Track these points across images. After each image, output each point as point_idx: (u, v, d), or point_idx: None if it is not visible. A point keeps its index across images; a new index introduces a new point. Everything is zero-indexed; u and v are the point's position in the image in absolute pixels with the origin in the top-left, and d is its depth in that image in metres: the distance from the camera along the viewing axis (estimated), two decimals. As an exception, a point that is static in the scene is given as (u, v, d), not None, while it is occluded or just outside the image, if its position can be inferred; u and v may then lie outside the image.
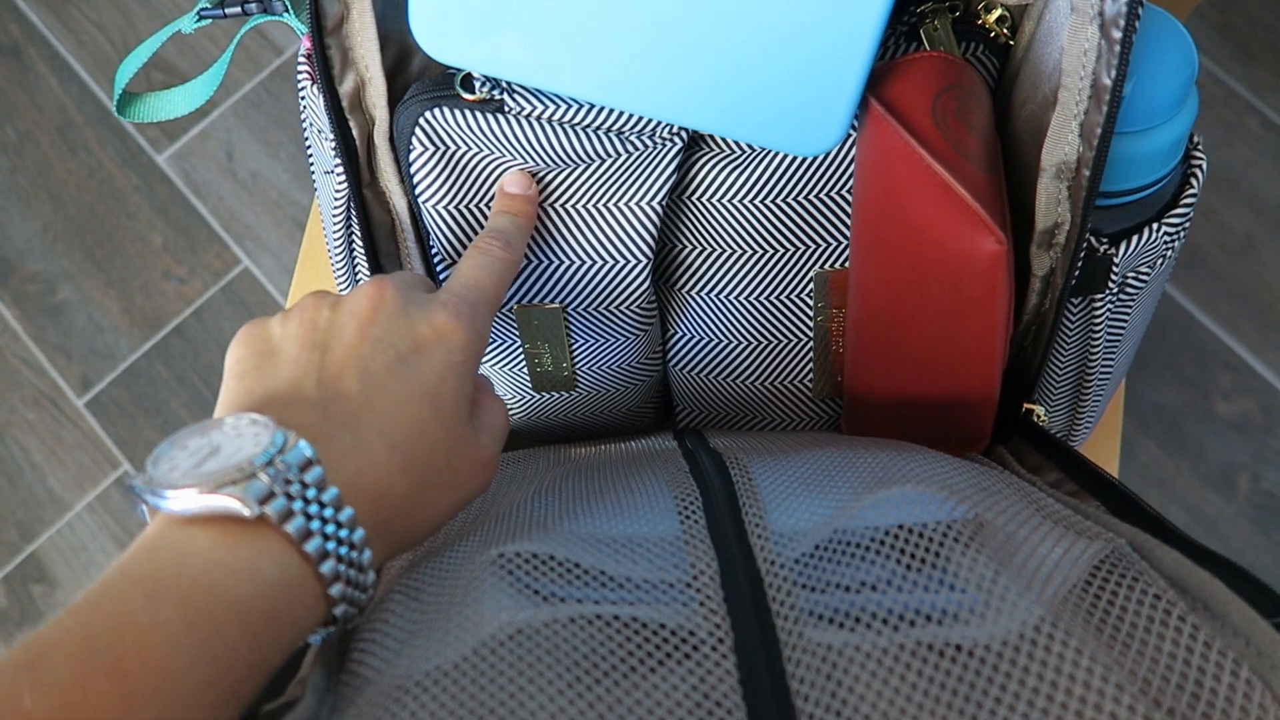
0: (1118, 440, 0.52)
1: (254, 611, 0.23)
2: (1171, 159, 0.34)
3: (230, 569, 0.23)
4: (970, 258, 0.32)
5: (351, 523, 0.26)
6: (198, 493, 0.24)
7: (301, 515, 0.25)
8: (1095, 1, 0.27)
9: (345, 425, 0.27)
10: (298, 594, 0.25)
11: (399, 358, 0.29)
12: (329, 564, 0.25)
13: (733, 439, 0.39)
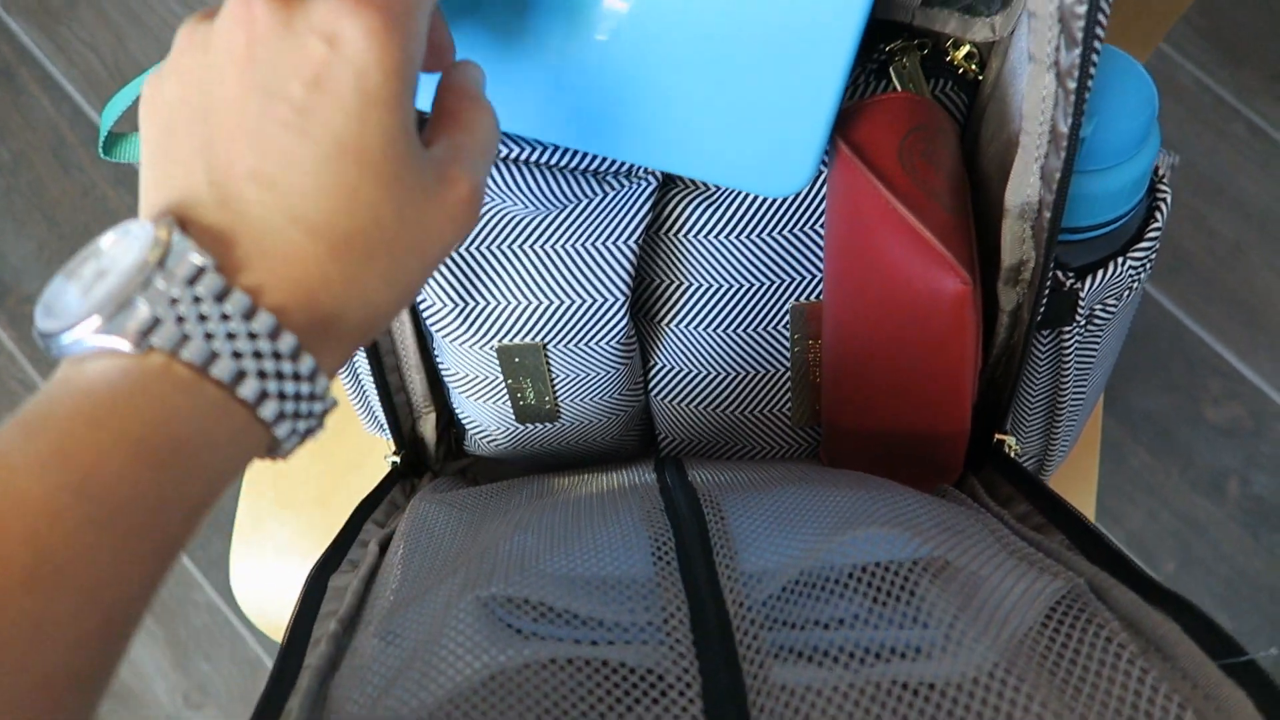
0: (1096, 459, 0.53)
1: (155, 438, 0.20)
2: (1134, 195, 0.35)
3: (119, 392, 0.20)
4: (937, 297, 0.33)
5: (273, 332, 0.22)
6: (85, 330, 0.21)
7: (201, 338, 0.21)
8: (1051, 51, 0.28)
9: (247, 218, 0.22)
10: (217, 421, 0.21)
11: (292, 105, 0.22)
12: (250, 385, 0.21)
13: (711, 471, 0.39)
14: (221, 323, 0.21)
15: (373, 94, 0.23)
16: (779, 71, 0.31)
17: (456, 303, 0.40)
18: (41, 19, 1.17)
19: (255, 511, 0.54)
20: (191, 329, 0.21)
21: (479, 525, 0.37)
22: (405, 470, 0.47)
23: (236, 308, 0.21)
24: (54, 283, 0.22)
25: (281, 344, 0.22)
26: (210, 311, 0.21)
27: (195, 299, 0.21)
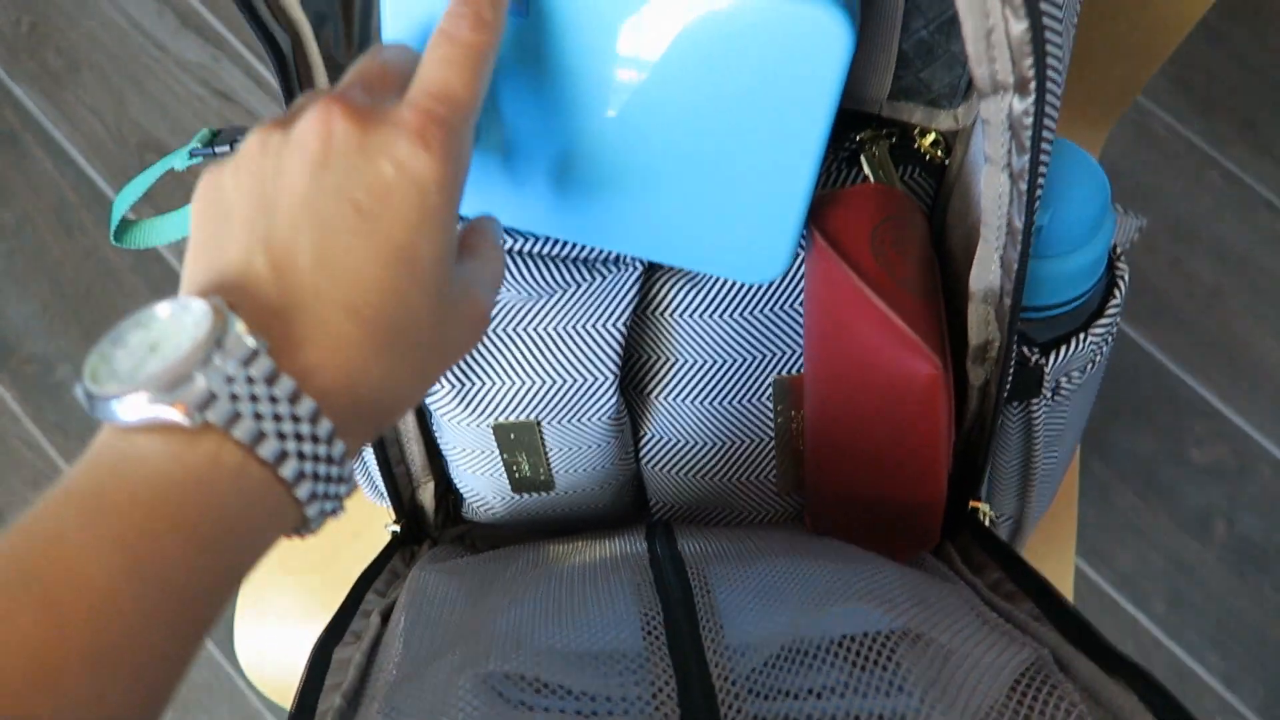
0: (1074, 513, 0.55)
1: (205, 523, 0.21)
2: (1092, 276, 0.37)
3: (174, 480, 0.21)
4: (909, 380, 0.35)
5: (313, 417, 0.23)
6: (138, 400, 0.21)
7: (251, 418, 0.22)
8: (1004, 154, 0.30)
9: (301, 306, 0.24)
10: (258, 501, 0.22)
11: (359, 211, 0.24)
12: (291, 466, 0.23)
13: (699, 540, 0.41)
14: (270, 404, 0.22)
15: (430, 214, 0.25)
16: (753, 172, 0.33)
17: (455, 384, 0.42)
18: (45, 84, 1.20)
19: (258, 578, 0.56)
20: (244, 408, 0.22)
21: (478, 595, 0.39)
22: (405, 538, 0.49)
23: (284, 391, 0.23)
24: (101, 347, 0.23)
25: (320, 429, 0.23)
26: (261, 392, 0.22)
27: (249, 379, 0.22)
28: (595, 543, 0.44)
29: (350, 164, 0.25)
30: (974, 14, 0.27)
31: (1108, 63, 0.54)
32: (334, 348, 0.24)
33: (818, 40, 0.30)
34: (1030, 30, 0.26)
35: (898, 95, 0.37)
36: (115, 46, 1.21)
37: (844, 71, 0.30)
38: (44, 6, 1.23)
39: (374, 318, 0.24)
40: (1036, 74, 0.27)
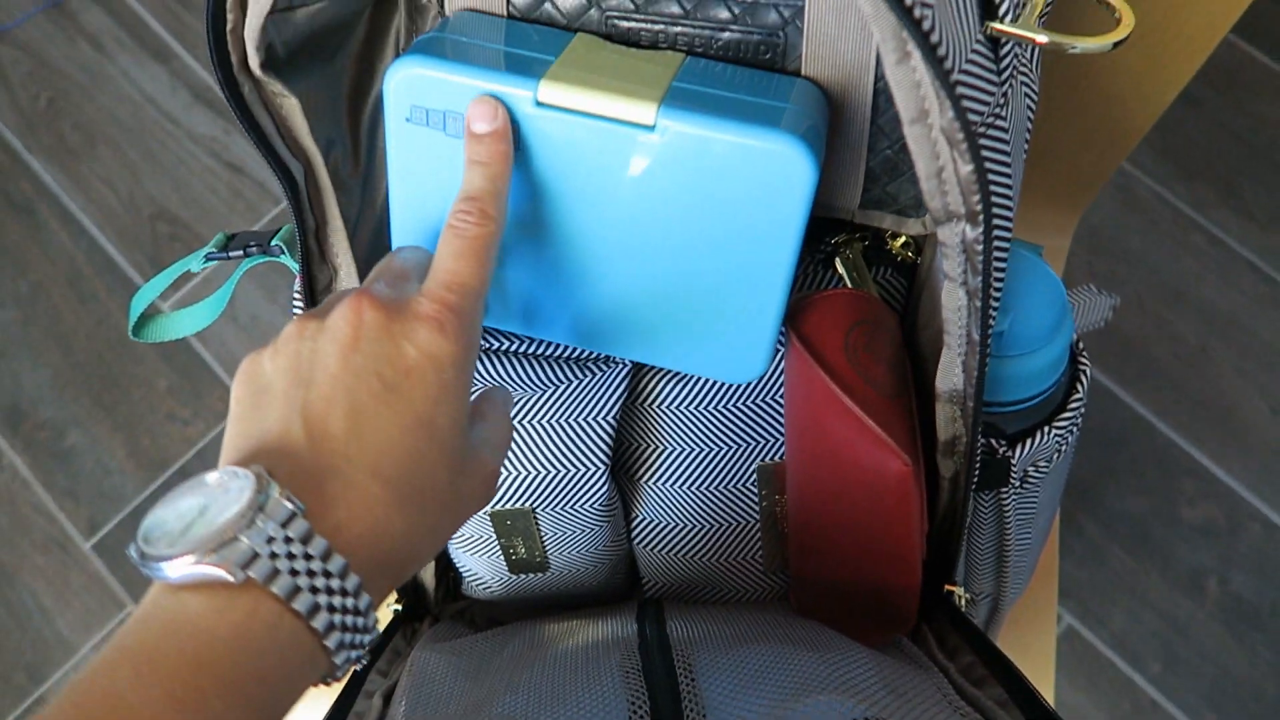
0: (1054, 590, 0.56)
1: (246, 677, 0.23)
2: (1053, 374, 0.39)
3: (219, 637, 0.24)
4: (882, 476, 0.37)
5: (343, 572, 0.25)
6: (186, 561, 0.24)
7: (288, 574, 0.24)
8: (961, 273, 0.33)
9: (334, 470, 0.27)
10: (292, 652, 0.25)
11: (386, 386, 0.28)
12: (322, 618, 0.25)
13: (689, 623, 0.43)
14: (305, 561, 0.25)
15: (448, 387, 0.29)
16: (731, 285, 0.36)
17: None
18: (62, 157, 1.23)
19: None
20: (281, 565, 0.24)
21: (477, 676, 0.41)
22: (407, 615, 0.50)
23: (318, 549, 0.25)
24: (155, 511, 0.26)
25: (349, 583, 0.26)
26: (297, 551, 0.25)
27: (287, 539, 0.25)
28: (589, 623, 0.45)
29: (378, 347, 0.28)
30: (925, 155, 0.30)
31: (1076, 153, 0.57)
32: (362, 507, 0.27)
33: (784, 171, 0.32)
34: (975, 172, 0.29)
35: (868, 205, 0.40)
36: (130, 120, 1.25)
37: (809, 197, 0.33)
38: (62, 83, 1.27)
39: (397, 478, 0.27)
40: (984, 209, 0.30)
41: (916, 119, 0.30)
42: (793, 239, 0.34)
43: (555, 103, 0.33)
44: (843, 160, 0.37)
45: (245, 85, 0.34)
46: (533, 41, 0.34)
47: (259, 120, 0.35)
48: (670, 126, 0.32)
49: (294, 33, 0.34)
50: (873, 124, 0.36)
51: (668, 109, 0.32)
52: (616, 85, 0.33)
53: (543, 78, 0.33)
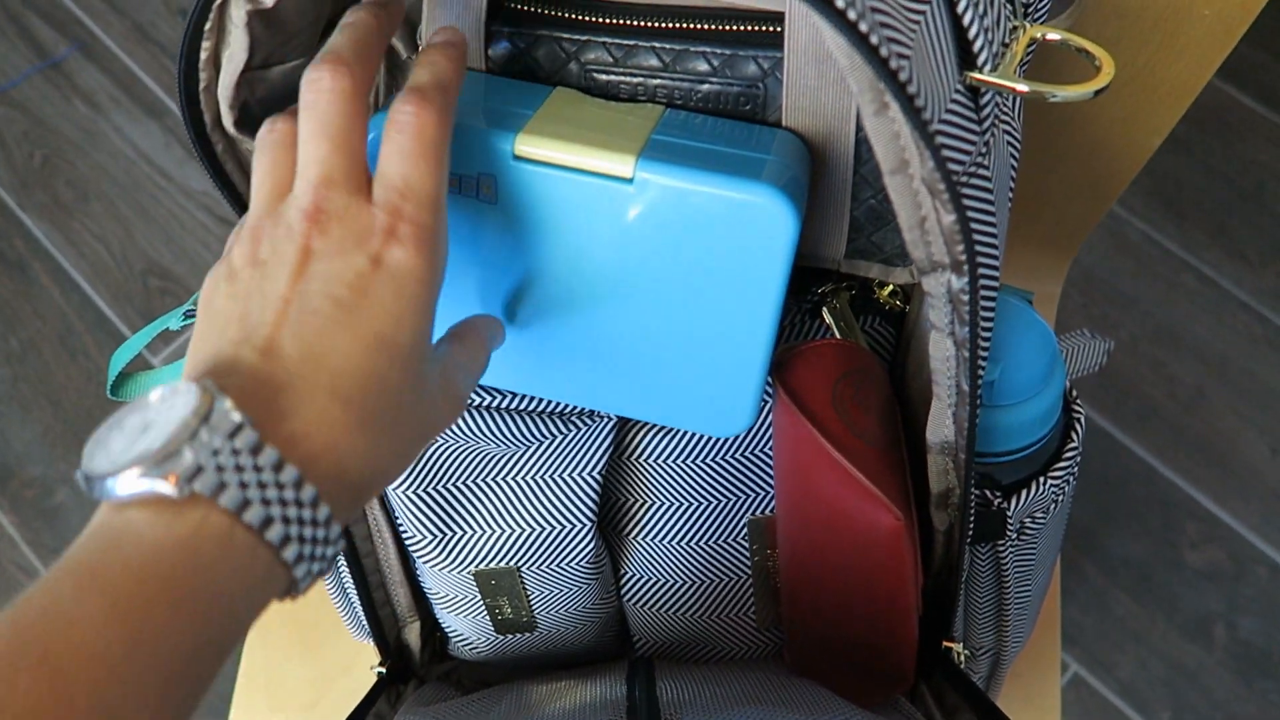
0: (1057, 641, 0.55)
1: (196, 591, 0.23)
2: (1046, 423, 0.39)
3: (165, 550, 0.23)
4: (873, 530, 0.36)
5: (297, 484, 0.24)
6: (129, 477, 0.23)
7: (236, 486, 0.23)
8: (947, 323, 0.32)
9: (288, 387, 0.26)
10: (247, 566, 0.24)
11: (339, 304, 0.27)
12: (276, 530, 0.24)
13: (679, 684, 0.41)
14: (255, 473, 0.24)
15: (409, 303, 0.27)
16: (715, 338, 0.35)
17: (436, 534, 0.43)
18: (54, 214, 1.24)
19: (249, 718, 0.56)
20: (229, 478, 0.23)
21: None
22: (391, 678, 0.49)
23: (267, 460, 0.24)
24: (98, 433, 0.25)
25: (304, 494, 0.25)
26: (246, 463, 0.24)
27: (234, 451, 0.24)
28: (577, 685, 0.44)
29: (329, 265, 0.27)
30: (907, 206, 0.29)
31: (1064, 200, 0.57)
32: (319, 424, 0.26)
33: (764, 223, 0.32)
34: (958, 221, 0.28)
35: (853, 255, 0.40)
36: (123, 177, 1.25)
37: (791, 248, 0.32)
38: (56, 140, 1.28)
39: (359, 399, 0.26)
40: (968, 258, 0.29)
41: (897, 169, 0.30)
42: (775, 291, 0.33)
43: (532, 156, 0.32)
44: (827, 210, 0.37)
45: (219, 144, 0.34)
46: (512, 96, 0.34)
47: (233, 178, 0.35)
48: (649, 179, 0.32)
49: (269, 90, 0.34)
50: (856, 173, 0.36)
51: (646, 161, 0.32)
52: (594, 138, 0.32)
53: (520, 131, 0.32)
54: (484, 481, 0.42)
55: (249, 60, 0.32)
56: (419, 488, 0.41)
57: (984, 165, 0.31)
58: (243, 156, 0.35)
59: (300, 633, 0.58)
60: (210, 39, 0.32)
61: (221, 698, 1.00)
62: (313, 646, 0.57)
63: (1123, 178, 0.54)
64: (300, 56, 0.34)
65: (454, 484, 0.42)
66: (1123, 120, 0.51)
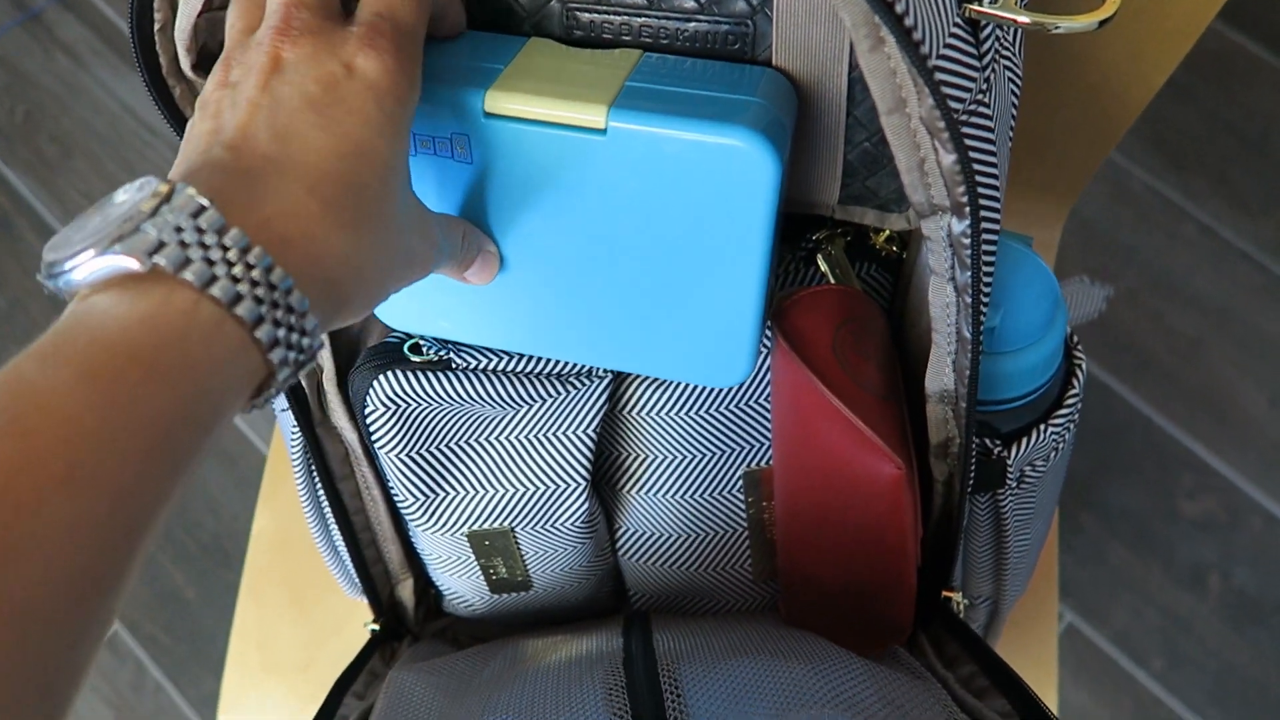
0: (1055, 589, 0.55)
1: (168, 361, 0.22)
2: (1048, 370, 0.38)
3: (130, 320, 0.22)
4: (874, 480, 0.35)
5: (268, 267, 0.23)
6: (88, 257, 0.22)
7: (202, 262, 0.22)
8: (947, 268, 0.31)
9: (256, 175, 0.25)
10: (218, 342, 0.23)
11: (311, 102, 0.26)
12: (248, 307, 0.23)
13: (675, 636, 0.41)
14: (221, 251, 0.23)
15: (386, 118, 0.27)
16: (705, 288, 0.34)
17: (427, 495, 0.42)
18: (39, 170, 1.22)
19: (240, 680, 0.56)
20: (194, 254, 0.22)
21: (456, 695, 0.39)
22: (385, 636, 0.49)
23: (234, 240, 0.23)
24: (61, 232, 0.24)
25: (275, 274, 0.24)
26: (211, 241, 0.23)
27: (198, 229, 0.23)
28: (573, 639, 0.44)
29: (301, 69, 0.26)
30: (905, 147, 0.28)
31: (1064, 144, 0.56)
32: (292, 214, 0.25)
33: (743, 168, 0.31)
34: (959, 162, 0.27)
35: (848, 201, 0.39)
36: (108, 131, 1.23)
37: (774, 193, 0.31)
38: (38, 95, 1.26)
39: (335, 198, 0.25)
40: (970, 200, 0.28)
41: (894, 109, 0.29)
42: (761, 237, 0.32)
43: (502, 112, 0.31)
44: (819, 155, 0.36)
45: (177, 88, 0.32)
46: (484, 51, 0.33)
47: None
48: (621, 128, 0.31)
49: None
50: (849, 115, 0.34)
51: (619, 111, 0.31)
52: (565, 89, 0.31)
53: (489, 88, 0.31)
54: (475, 442, 0.42)
55: (208, 0, 0.30)
56: (409, 450, 0.41)
57: (984, 103, 0.30)
58: None
59: (293, 592, 0.58)
60: None
61: (216, 659, 1.00)
62: (306, 606, 0.57)
63: (1124, 120, 0.52)
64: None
65: (444, 445, 0.42)
66: (1126, 59, 0.50)
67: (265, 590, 0.59)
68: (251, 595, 0.58)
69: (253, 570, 0.60)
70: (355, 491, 0.44)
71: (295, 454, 0.42)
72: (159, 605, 1.03)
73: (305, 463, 0.42)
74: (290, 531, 0.60)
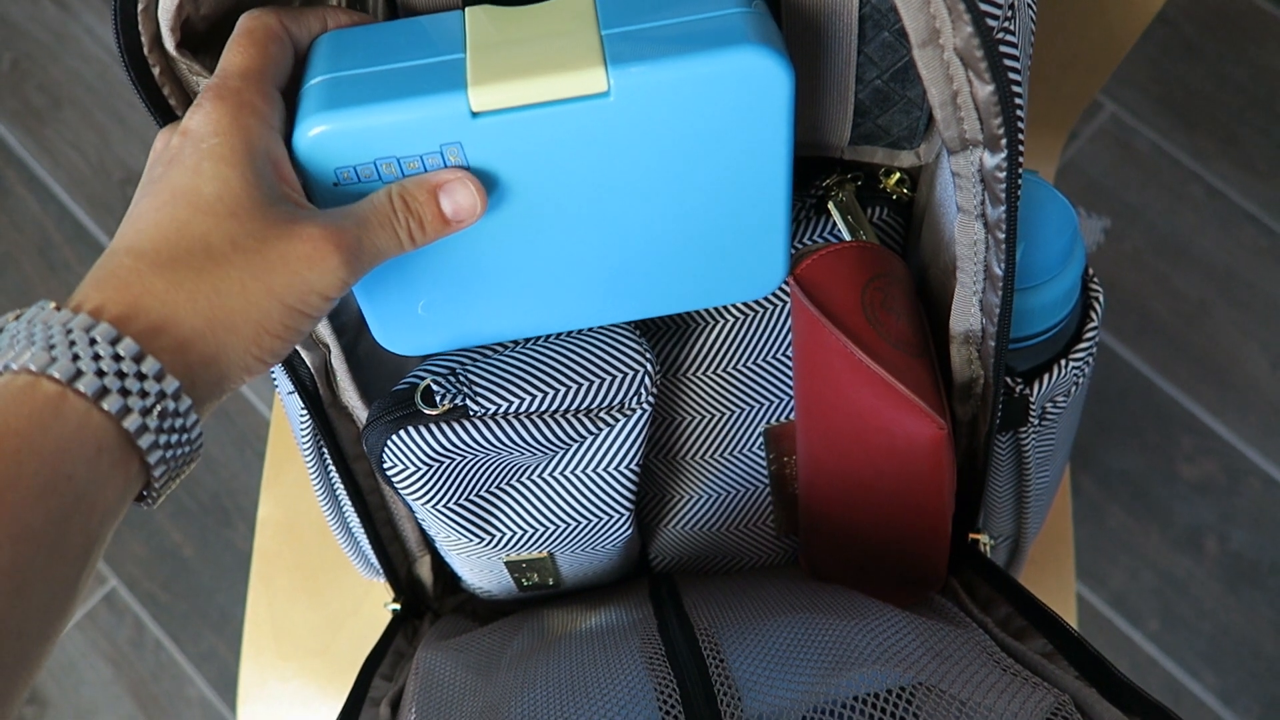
0: (1069, 523, 0.54)
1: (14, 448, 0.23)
2: (1067, 304, 0.37)
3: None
4: (914, 441, 0.34)
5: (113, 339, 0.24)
6: None
7: (43, 349, 0.24)
8: (977, 205, 0.30)
9: (100, 266, 0.26)
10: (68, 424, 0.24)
11: (152, 180, 0.28)
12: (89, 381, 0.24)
13: (706, 600, 0.40)
14: (65, 335, 0.24)
15: (206, 152, 0.27)
16: (735, 208, 0.33)
17: (471, 538, 0.41)
18: (27, 121, 1.19)
19: (258, 670, 0.55)
20: (35, 333, 0.24)
21: (486, 672, 0.38)
22: (406, 614, 0.48)
23: (79, 324, 0.24)
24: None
25: (122, 347, 0.25)
26: (51, 320, 0.25)
27: (31, 320, 0.25)
28: (598, 608, 0.42)
29: (158, 159, 0.29)
30: (938, 81, 0.27)
31: (1059, 76, 0.55)
32: (116, 282, 0.26)
33: (758, 85, 0.29)
34: (997, 92, 0.26)
35: (858, 140, 0.37)
36: (97, 82, 1.21)
37: (791, 97, 0.30)
38: (25, 44, 1.23)
39: (152, 249, 0.26)
40: (1007, 131, 0.27)
41: (927, 40, 0.27)
42: (784, 145, 0.31)
43: (492, 107, 0.29)
44: (830, 94, 0.35)
45: (157, 66, 0.31)
46: (425, 39, 0.30)
47: (170, 101, 0.31)
48: (625, 83, 0.29)
49: (214, 6, 0.31)
50: (860, 53, 0.33)
51: (615, 66, 0.29)
52: (547, 61, 0.29)
53: (468, 86, 0.29)
54: (514, 484, 0.40)
55: None
56: (445, 502, 0.39)
57: (1011, 31, 0.29)
58: (183, 77, 0.32)
59: (304, 577, 0.57)
60: None
61: (215, 617, 1.00)
62: (319, 590, 0.56)
63: (1119, 48, 0.51)
64: None
65: (482, 492, 0.40)
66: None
67: (276, 577, 0.58)
68: (263, 583, 0.57)
69: (262, 558, 0.58)
70: (369, 470, 0.43)
71: (305, 438, 0.41)
72: (157, 562, 1.02)
73: (316, 446, 0.41)
74: (297, 516, 0.59)
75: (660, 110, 0.30)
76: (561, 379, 0.36)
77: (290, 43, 0.31)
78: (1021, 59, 0.30)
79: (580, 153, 0.31)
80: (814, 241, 0.40)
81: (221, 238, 0.27)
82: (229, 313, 0.26)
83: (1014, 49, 0.29)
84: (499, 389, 0.36)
